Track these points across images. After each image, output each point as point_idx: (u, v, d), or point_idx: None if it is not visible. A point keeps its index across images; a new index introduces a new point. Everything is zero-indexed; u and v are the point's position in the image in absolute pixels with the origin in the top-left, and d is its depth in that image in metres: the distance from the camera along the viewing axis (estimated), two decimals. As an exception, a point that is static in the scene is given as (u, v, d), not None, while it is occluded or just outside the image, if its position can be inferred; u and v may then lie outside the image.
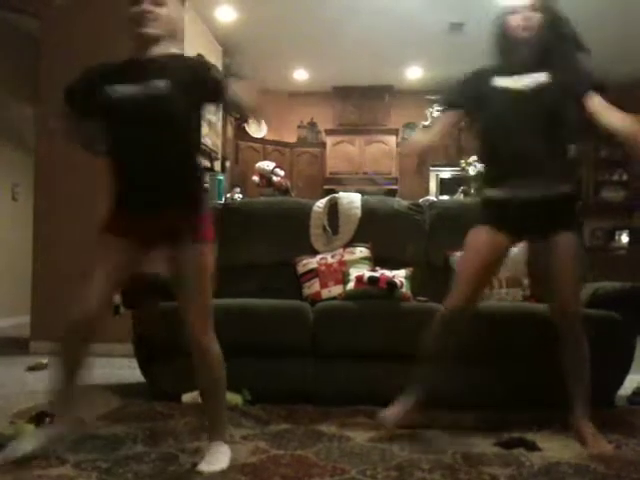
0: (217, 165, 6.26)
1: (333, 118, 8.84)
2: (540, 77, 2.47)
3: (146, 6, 2.21)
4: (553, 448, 2.36)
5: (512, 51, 2.53)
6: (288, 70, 8.10)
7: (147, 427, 2.60)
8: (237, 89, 2.20)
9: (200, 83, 2.22)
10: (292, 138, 8.91)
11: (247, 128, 8.33)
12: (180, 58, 2.34)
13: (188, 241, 2.17)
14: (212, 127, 6.05)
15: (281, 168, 5.73)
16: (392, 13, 6.08)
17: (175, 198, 2.21)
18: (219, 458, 2.15)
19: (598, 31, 6.24)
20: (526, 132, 2.43)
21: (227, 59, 6.75)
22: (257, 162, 5.98)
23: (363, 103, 8.75)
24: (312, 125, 8.93)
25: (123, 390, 3.40)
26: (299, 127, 8.92)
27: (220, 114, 6.48)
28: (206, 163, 5.82)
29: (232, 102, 2.28)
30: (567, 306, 2.47)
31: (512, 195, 2.45)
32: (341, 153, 8.64)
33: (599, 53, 2.50)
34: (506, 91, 2.49)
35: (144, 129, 2.17)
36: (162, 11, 2.24)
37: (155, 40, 2.24)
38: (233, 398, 2.96)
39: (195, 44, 5.52)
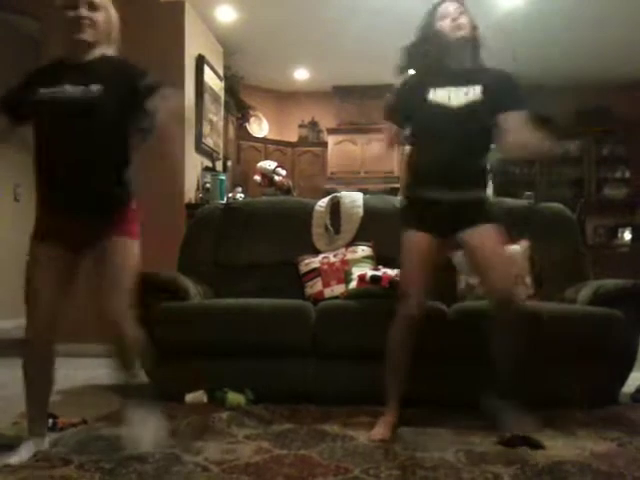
0: (219, 165, 6.25)
1: (334, 117, 8.83)
2: (473, 92, 2.59)
3: (82, 11, 2.20)
4: (556, 446, 2.36)
5: (446, 55, 2.65)
6: (289, 70, 8.09)
7: (150, 427, 2.60)
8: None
9: (133, 90, 2.22)
10: (293, 137, 8.91)
11: (248, 127, 8.33)
12: (115, 62, 2.32)
13: (112, 235, 2.21)
14: (214, 127, 6.04)
15: (283, 168, 5.73)
16: (392, 12, 6.06)
17: (101, 199, 2.24)
18: (147, 428, 2.21)
19: (599, 31, 6.27)
20: (452, 145, 2.57)
21: (228, 59, 6.75)
22: (259, 162, 5.98)
23: (364, 102, 8.73)
24: (313, 124, 8.92)
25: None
26: (300, 126, 8.91)
27: (221, 114, 6.48)
28: (207, 163, 5.82)
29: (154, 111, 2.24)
30: (500, 290, 2.49)
31: (436, 196, 2.57)
32: (343, 152, 8.63)
33: (601, 53, 2.52)
34: (437, 107, 2.60)
35: (73, 131, 2.18)
36: (99, 16, 2.23)
37: (91, 45, 2.24)
38: (236, 398, 2.97)
39: (196, 44, 5.52)
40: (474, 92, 2.59)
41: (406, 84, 2.82)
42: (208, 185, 5.33)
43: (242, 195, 5.75)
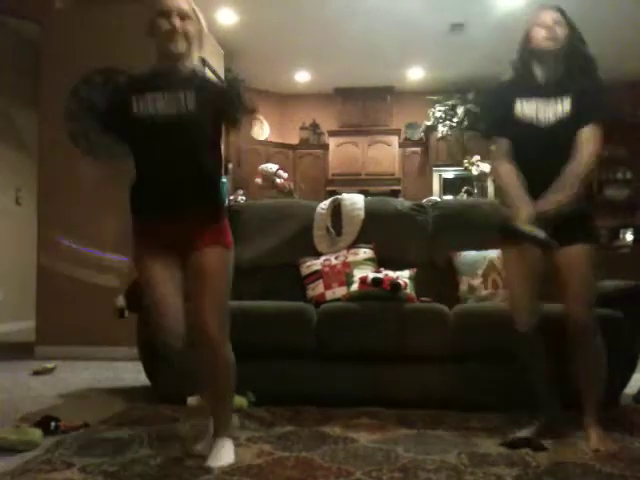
0: (220, 168, 6.26)
1: (335, 119, 8.85)
2: (562, 106, 2.50)
3: (175, 22, 2.19)
4: (559, 448, 2.36)
5: (535, 65, 2.57)
6: (290, 72, 8.12)
7: (152, 430, 2.61)
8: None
9: (221, 109, 2.24)
10: (295, 140, 8.92)
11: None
12: (207, 79, 2.35)
13: (207, 245, 2.20)
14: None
15: (284, 170, 5.73)
16: (393, 14, 6.08)
17: (197, 207, 2.23)
18: (225, 453, 2.19)
19: (601, 31, 6.27)
20: (544, 159, 2.48)
21: (229, 62, 6.77)
22: (260, 164, 5.98)
23: (365, 104, 8.76)
24: (314, 127, 8.93)
25: (128, 393, 3.41)
26: (301, 129, 8.93)
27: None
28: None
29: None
30: (575, 315, 2.47)
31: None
32: (344, 154, 8.64)
33: (602, 53, 2.51)
34: (526, 125, 2.53)
35: (172, 143, 2.17)
36: (189, 26, 2.23)
37: (182, 57, 2.23)
38: (237, 400, 2.96)
39: (197, 47, 5.53)
40: (563, 106, 2.50)
41: (494, 94, 2.75)
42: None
43: (243, 198, 5.76)
